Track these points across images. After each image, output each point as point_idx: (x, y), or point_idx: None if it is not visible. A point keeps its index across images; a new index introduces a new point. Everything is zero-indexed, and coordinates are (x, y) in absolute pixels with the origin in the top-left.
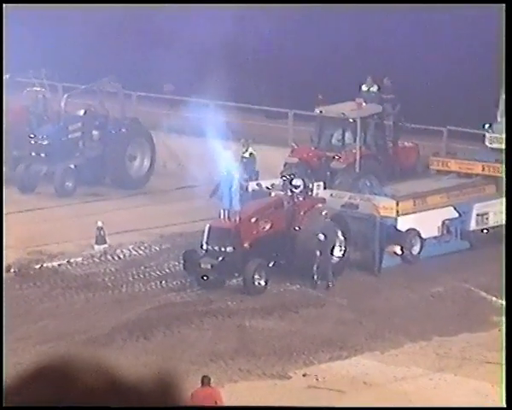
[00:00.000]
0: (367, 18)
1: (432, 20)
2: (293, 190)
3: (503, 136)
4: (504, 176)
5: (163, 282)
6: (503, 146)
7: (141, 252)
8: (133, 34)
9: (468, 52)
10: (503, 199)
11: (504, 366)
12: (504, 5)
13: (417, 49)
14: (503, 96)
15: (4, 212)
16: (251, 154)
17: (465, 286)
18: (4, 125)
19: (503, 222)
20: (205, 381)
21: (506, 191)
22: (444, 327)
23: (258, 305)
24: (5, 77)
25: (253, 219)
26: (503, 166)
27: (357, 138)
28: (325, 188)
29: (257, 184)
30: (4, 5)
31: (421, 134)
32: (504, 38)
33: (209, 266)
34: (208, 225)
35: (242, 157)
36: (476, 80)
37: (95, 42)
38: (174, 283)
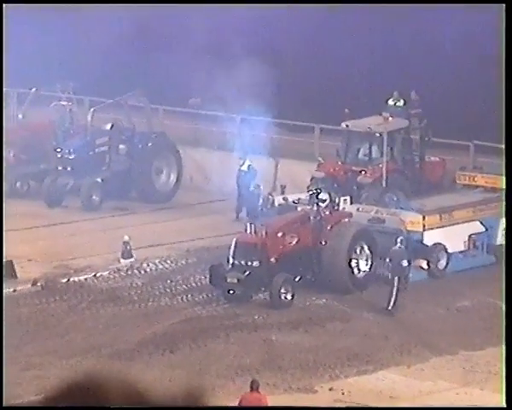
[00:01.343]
0: (392, 31)
1: (458, 32)
2: (320, 204)
3: None
4: (505, 185)
5: (189, 296)
6: None
7: (167, 266)
8: (160, 48)
9: (495, 65)
10: None
11: (504, 366)
12: (504, 5)
13: (443, 61)
14: None
15: (30, 225)
16: (249, 166)
17: (491, 301)
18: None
19: None
20: (254, 386)
21: (506, 207)
22: (470, 341)
23: (285, 319)
24: (32, 90)
25: (280, 234)
26: (503, 176)
27: (384, 153)
28: (351, 202)
29: (283, 199)
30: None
31: (448, 149)
32: (504, 38)
33: (235, 281)
34: (234, 240)
35: (240, 170)
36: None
37: (121, 56)
38: (200, 297)
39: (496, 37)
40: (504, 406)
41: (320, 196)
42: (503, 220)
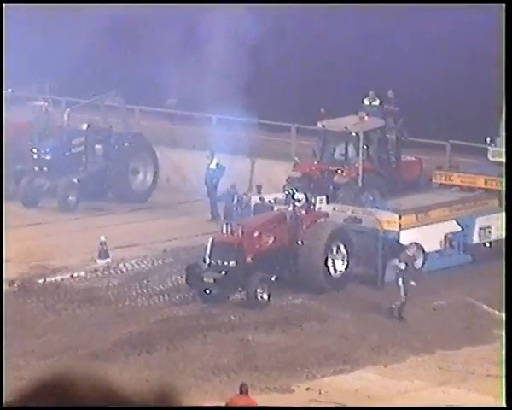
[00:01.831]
0: (368, 31)
1: (433, 31)
2: (296, 204)
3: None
4: (504, 189)
5: (166, 296)
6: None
7: (144, 266)
8: (136, 47)
9: (471, 65)
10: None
11: (504, 366)
12: (504, 5)
13: (419, 61)
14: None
15: (6, 225)
16: (217, 164)
17: (468, 300)
18: (4, 138)
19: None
20: (243, 389)
21: (506, 205)
22: (446, 341)
23: (261, 319)
24: (7, 90)
25: (256, 234)
26: (504, 179)
27: (360, 153)
28: (328, 202)
29: (260, 198)
30: (4, 6)
31: (424, 148)
32: (504, 38)
33: (212, 280)
34: (211, 239)
35: (209, 169)
36: (479, 93)
37: (97, 56)
38: (177, 297)
39: (492, 36)
40: (504, 406)
41: (296, 196)
42: (480, 219)
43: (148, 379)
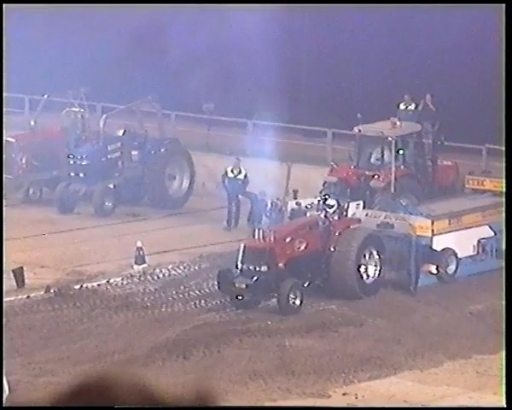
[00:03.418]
0: (404, 36)
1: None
2: (328, 210)
3: None
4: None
5: (202, 301)
6: None
7: (180, 272)
8: (172, 52)
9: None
10: None
11: (504, 366)
12: (504, 5)
13: (454, 65)
14: None
15: (42, 231)
16: (246, 175)
17: (503, 304)
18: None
19: None
20: None
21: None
22: (483, 345)
23: (298, 324)
24: (43, 96)
25: (288, 239)
26: (503, 179)
27: (393, 158)
28: (364, 207)
29: (296, 203)
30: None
31: (462, 152)
32: (504, 38)
33: (244, 286)
34: (243, 245)
35: (236, 178)
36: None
37: (133, 61)
38: (213, 302)
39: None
40: (504, 406)
41: (328, 202)
42: None
43: (184, 384)
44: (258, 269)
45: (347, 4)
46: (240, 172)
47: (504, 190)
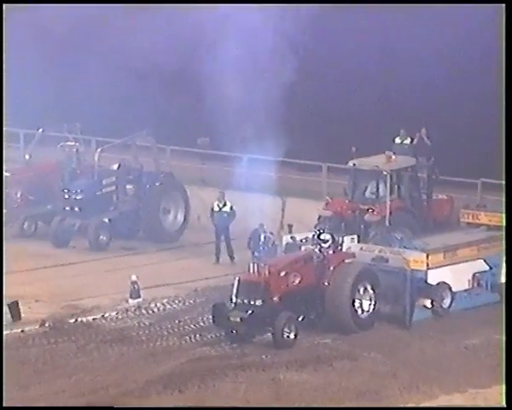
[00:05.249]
0: (396, 70)
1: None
2: (322, 244)
3: None
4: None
5: (197, 335)
6: None
7: (175, 306)
8: (166, 87)
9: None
10: None
11: (504, 366)
12: (504, 5)
13: (449, 100)
14: None
15: (37, 265)
16: (231, 208)
17: (499, 338)
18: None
19: None
20: None
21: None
22: (478, 379)
23: (293, 358)
24: (39, 131)
25: (283, 273)
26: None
27: (387, 192)
28: (359, 241)
29: (291, 238)
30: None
31: (457, 186)
32: (504, 39)
33: (238, 320)
34: (237, 279)
35: (221, 211)
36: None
37: (129, 96)
38: (209, 336)
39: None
40: (504, 406)
41: (322, 237)
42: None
43: None
44: (252, 303)
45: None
46: (225, 205)
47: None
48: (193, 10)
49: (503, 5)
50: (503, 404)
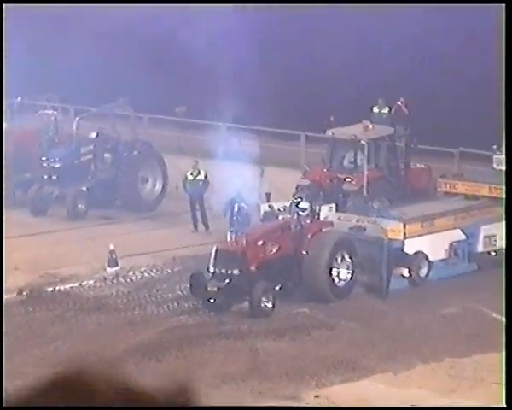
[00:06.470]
0: (381, 37)
1: (443, 39)
2: (300, 213)
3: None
4: (505, 196)
5: (175, 304)
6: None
7: (153, 274)
8: (144, 55)
9: (480, 72)
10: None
11: (504, 366)
12: (504, 5)
13: (427, 68)
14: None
15: (15, 234)
16: (206, 176)
17: (476, 307)
18: (12, 146)
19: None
20: None
21: (506, 210)
22: (456, 348)
23: (271, 327)
24: (16, 99)
25: (260, 242)
26: (503, 186)
27: (365, 161)
28: (337, 210)
29: (269, 206)
30: (4, 5)
31: (435, 156)
32: (504, 38)
33: (215, 289)
34: (215, 248)
35: (195, 180)
36: (489, 99)
37: (106, 64)
38: (186, 305)
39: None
40: (504, 406)
41: (300, 205)
42: (485, 228)
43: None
44: (230, 272)
45: (324, 5)
46: (199, 174)
47: (505, 196)
48: None
49: (503, 5)
50: (503, 404)
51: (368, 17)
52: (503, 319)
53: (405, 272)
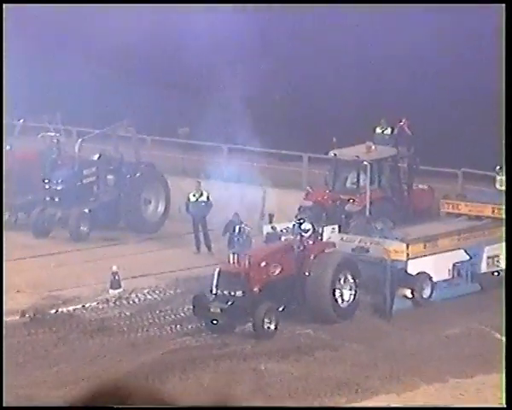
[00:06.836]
0: (381, 61)
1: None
2: (303, 234)
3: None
4: (504, 215)
5: (178, 326)
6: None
7: (156, 296)
8: (148, 77)
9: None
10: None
11: (504, 366)
12: (504, 5)
13: (431, 89)
14: None
15: (18, 256)
16: (208, 197)
17: (480, 328)
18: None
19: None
20: None
21: (506, 231)
22: (459, 369)
23: (274, 348)
24: (19, 121)
25: (263, 264)
26: (504, 205)
27: (367, 182)
28: (340, 231)
29: (272, 228)
30: (4, 6)
31: (438, 176)
32: (504, 39)
33: (218, 311)
34: (218, 269)
35: (198, 201)
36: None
37: (109, 86)
38: (189, 326)
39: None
40: (504, 406)
41: (303, 226)
42: (488, 248)
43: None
44: (233, 294)
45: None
46: (201, 195)
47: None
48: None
49: (503, 5)
50: (503, 404)
51: (368, 26)
52: (503, 339)
53: (408, 293)
